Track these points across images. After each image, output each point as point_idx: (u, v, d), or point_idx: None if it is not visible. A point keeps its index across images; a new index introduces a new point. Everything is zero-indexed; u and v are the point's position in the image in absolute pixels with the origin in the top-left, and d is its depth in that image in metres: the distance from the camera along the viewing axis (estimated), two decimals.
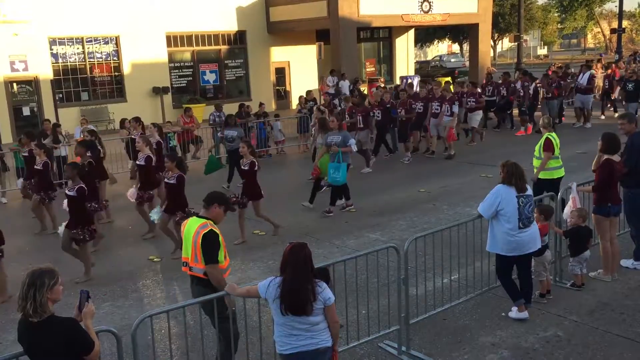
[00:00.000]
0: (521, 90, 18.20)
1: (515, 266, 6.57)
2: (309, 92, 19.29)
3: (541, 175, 8.91)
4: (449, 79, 27.90)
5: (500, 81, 19.29)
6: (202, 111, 23.05)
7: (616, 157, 7.30)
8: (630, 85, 18.11)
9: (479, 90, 18.21)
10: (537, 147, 9.01)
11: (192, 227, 5.42)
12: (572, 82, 20.25)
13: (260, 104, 18.21)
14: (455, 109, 15.24)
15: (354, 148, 10.78)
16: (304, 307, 4.25)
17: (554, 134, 8.99)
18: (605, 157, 7.29)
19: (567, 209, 7.37)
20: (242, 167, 9.66)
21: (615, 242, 7.51)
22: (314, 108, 16.58)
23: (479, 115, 16.96)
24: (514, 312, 6.51)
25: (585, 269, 7.19)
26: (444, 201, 11.27)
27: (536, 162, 9.03)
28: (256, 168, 9.55)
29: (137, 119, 13.72)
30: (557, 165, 9.00)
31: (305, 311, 4.26)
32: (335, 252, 8.73)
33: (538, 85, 18.46)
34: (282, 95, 27.96)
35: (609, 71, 21.66)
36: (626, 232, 8.16)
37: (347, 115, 15.29)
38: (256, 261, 8.69)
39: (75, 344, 3.82)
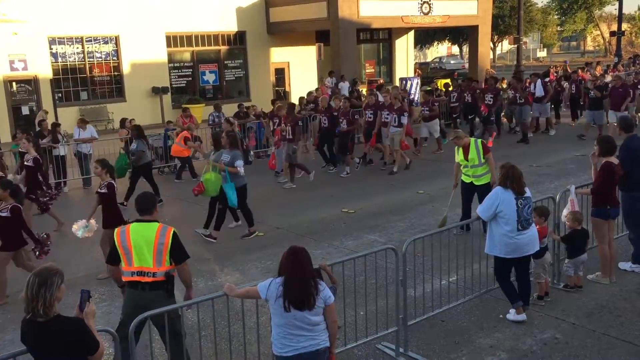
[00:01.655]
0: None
1: (513, 268, 6.57)
2: (309, 94, 19.25)
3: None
4: (448, 80, 27.94)
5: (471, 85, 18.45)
6: (201, 111, 23.05)
7: (614, 159, 7.31)
8: (593, 92, 17.15)
9: (442, 96, 17.77)
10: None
11: (146, 233, 5.26)
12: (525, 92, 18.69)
13: (253, 106, 18.24)
14: (404, 120, 14.08)
15: (241, 171, 9.67)
16: (307, 300, 4.26)
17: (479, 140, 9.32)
18: (605, 159, 7.29)
19: (565, 211, 7.37)
20: (99, 189, 8.38)
21: (613, 244, 7.51)
22: (223, 120, 15.13)
23: (437, 124, 16.20)
24: (512, 314, 6.51)
25: (581, 271, 7.17)
26: (442, 203, 11.25)
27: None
28: (112, 190, 8.24)
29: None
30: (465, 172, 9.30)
31: (309, 304, 4.27)
32: (333, 253, 8.73)
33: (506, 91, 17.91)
34: (281, 96, 27.98)
35: (576, 76, 21.11)
36: (624, 234, 8.16)
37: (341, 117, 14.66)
38: (254, 262, 8.69)
39: (82, 344, 3.81)
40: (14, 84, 21.84)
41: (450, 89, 20.85)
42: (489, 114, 17.19)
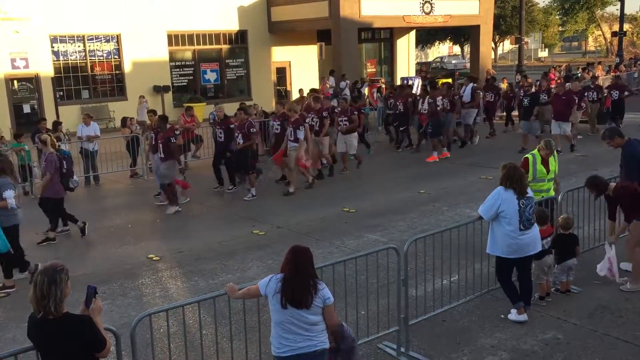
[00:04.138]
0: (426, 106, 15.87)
1: (515, 268, 6.56)
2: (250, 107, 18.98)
3: None
4: (449, 80, 27.93)
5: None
6: (202, 110, 23.05)
7: (614, 185, 7.20)
8: (526, 100, 15.75)
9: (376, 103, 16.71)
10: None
11: None
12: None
13: (254, 105, 18.18)
14: (301, 134, 12.21)
15: (11, 203, 7.88)
16: (305, 298, 4.26)
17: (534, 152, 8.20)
18: (609, 190, 7.15)
19: (602, 266, 7.13)
20: None
21: None
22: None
23: (355, 138, 14.07)
24: (513, 315, 6.50)
25: (571, 276, 7.11)
26: (444, 202, 11.27)
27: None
28: None
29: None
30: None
31: (306, 303, 4.26)
32: (335, 253, 8.72)
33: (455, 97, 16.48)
34: (282, 95, 27.98)
35: (521, 84, 19.45)
36: (626, 235, 8.14)
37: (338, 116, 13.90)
38: (255, 261, 8.68)
39: (91, 341, 3.83)
40: (15, 82, 21.85)
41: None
42: (427, 125, 15.57)
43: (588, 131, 17.59)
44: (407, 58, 31.32)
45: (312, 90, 17.88)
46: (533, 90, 16.64)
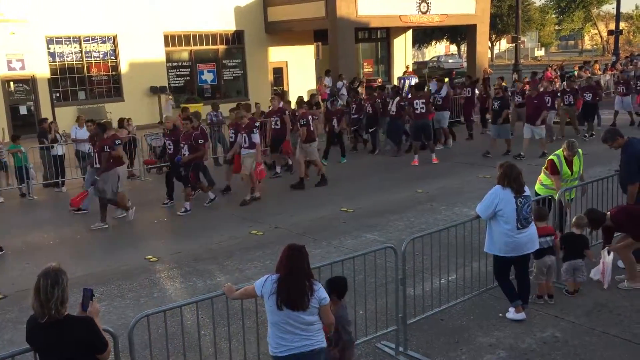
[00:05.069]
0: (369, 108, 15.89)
1: (513, 267, 6.56)
2: (313, 96, 19.06)
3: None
4: (446, 79, 27.93)
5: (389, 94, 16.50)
6: (199, 111, 23.01)
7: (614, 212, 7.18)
8: (496, 103, 15.03)
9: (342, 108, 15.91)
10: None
11: None
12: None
13: (256, 104, 18.13)
14: (256, 138, 11.75)
15: None
16: (300, 300, 4.24)
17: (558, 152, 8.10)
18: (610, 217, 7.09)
19: (596, 271, 7.12)
20: None
21: None
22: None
23: (312, 146, 12.88)
24: (511, 313, 6.50)
25: (579, 278, 7.07)
26: (441, 202, 11.27)
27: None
28: None
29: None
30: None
31: (302, 305, 4.24)
32: (332, 252, 8.72)
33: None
34: (279, 96, 27.94)
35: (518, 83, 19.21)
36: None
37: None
38: (253, 261, 8.68)
39: (92, 343, 3.82)
40: (11, 83, 21.81)
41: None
42: (398, 125, 15.44)
43: (572, 134, 16.73)
44: (404, 57, 31.35)
45: (308, 96, 17.71)
46: (502, 93, 15.61)
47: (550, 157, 8.21)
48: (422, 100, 14.59)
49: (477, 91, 18.59)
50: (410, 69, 30.02)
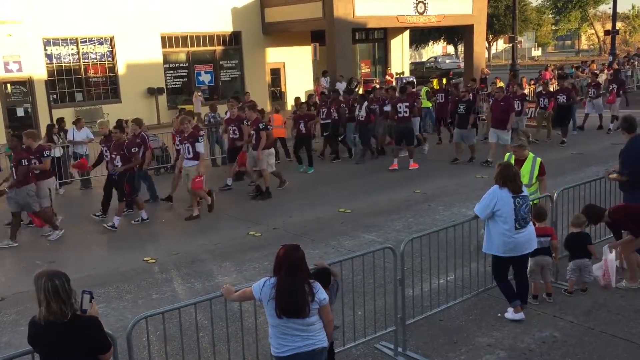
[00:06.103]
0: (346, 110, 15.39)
1: (511, 267, 6.57)
2: (310, 97, 19.05)
3: None
4: (443, 80, 27.97)
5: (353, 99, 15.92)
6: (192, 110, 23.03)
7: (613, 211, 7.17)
8: (461, 107, 14.51)
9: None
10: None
11: None
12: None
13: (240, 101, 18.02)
14: (201, 148, 11.00)
15: None
16: (302, 309, 4.22)
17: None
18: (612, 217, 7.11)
19: (598, 268, 7.08)
20: None
21: None
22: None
23: (267, 155, 12.16)
24: (510, 313, 6.50)
25: (585, 277, 7.04)
26: (439, 202, 11.28)
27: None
28: None
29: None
30: None
31: (303, 314, 4.23)
32: (331, 253, 8.72)
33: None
34: (277, 96, 27.97)
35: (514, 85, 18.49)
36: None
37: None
38: (252, 262, 8.67)
39: (98, 342, 3.84)
40: (8, 85, 21.76)
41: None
42: (367, 130, 15.05)
43: (545, 138, 16.66)
44: (401, 58, 31.38)
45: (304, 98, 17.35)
46: (470, 96, 15.17)
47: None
48: (406, 104, 14.15)
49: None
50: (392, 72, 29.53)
